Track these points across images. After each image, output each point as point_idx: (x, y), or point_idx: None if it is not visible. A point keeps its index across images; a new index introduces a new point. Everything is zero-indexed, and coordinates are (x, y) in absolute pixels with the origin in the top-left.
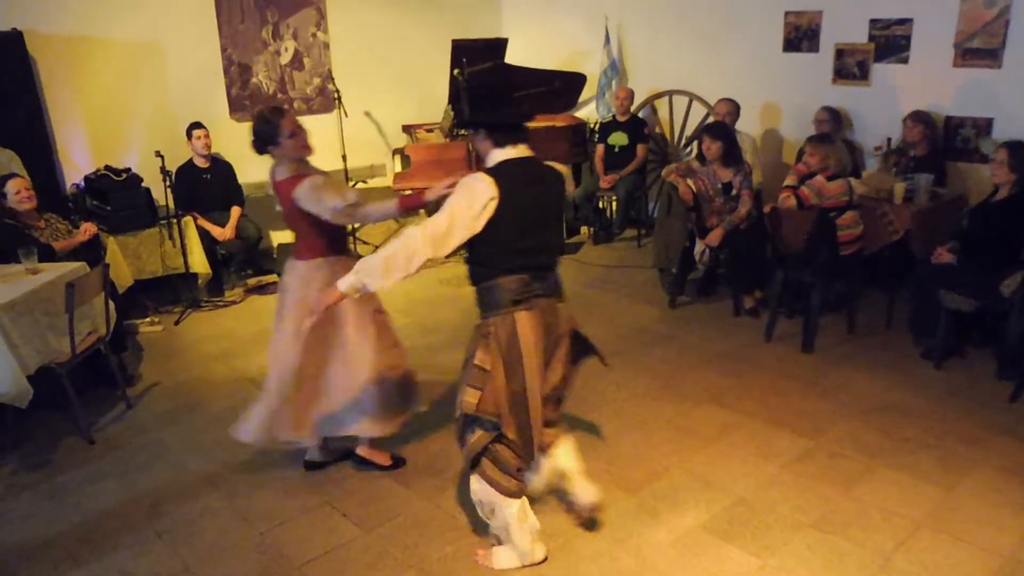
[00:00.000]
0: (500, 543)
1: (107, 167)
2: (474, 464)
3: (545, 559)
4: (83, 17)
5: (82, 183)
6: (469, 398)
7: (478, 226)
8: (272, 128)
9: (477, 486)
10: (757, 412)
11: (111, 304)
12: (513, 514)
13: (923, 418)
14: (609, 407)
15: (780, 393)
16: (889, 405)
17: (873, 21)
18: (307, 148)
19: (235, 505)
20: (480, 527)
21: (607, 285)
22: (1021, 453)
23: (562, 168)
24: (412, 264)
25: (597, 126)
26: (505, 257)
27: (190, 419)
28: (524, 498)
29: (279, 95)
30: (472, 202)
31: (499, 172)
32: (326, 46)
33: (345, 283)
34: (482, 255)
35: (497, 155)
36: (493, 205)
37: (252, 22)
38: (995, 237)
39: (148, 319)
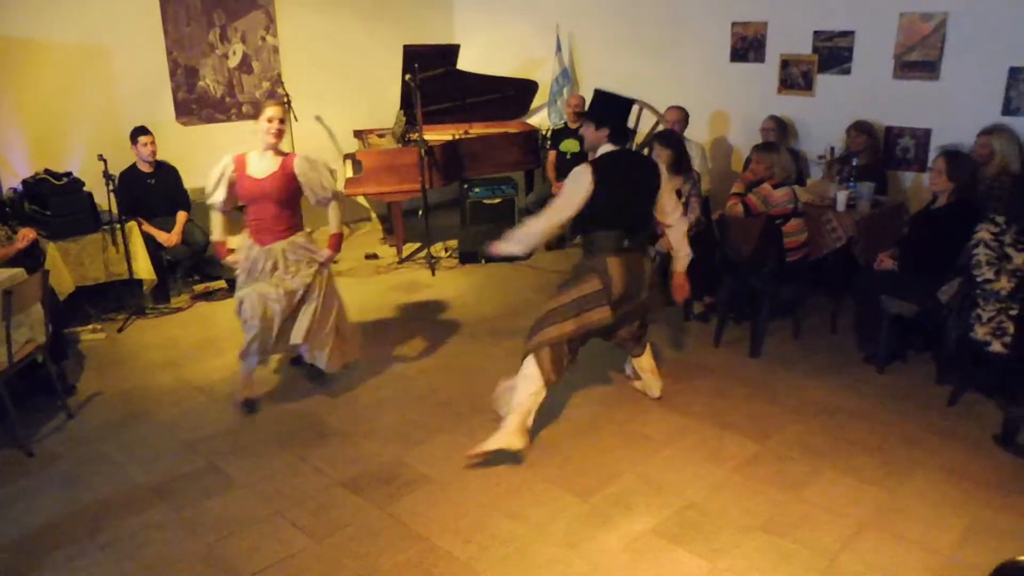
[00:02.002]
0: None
1: (47, 171)
2: (536, 352)
3: (521, 449)
4: (21, 18)
5: (19, 187)
6: (601, 315)
7: (581, 203)
8: None
9: (530, 368)
10: (706, 416)
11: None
12: (532, 394)
13: (867, 421)
14: (561, 413)
15: (729, 397)
16: (834, 408)
17: (817, 33)
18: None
19: (182, 517)
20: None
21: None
22: (960, 455)
23: (657, 162)
24: (538, 234)
25: (549, 133)
26: (603, 218)
27: (134, 429)
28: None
29: (227, 99)
30: (579, 188)
31: (600, 163)
32: (275, 50)
33: (497, 246)
34: (588, 215)
35: (604, 148)
36: (591, 188)
37: (199, 25)
38: (934, 244)
39: (90, 327)
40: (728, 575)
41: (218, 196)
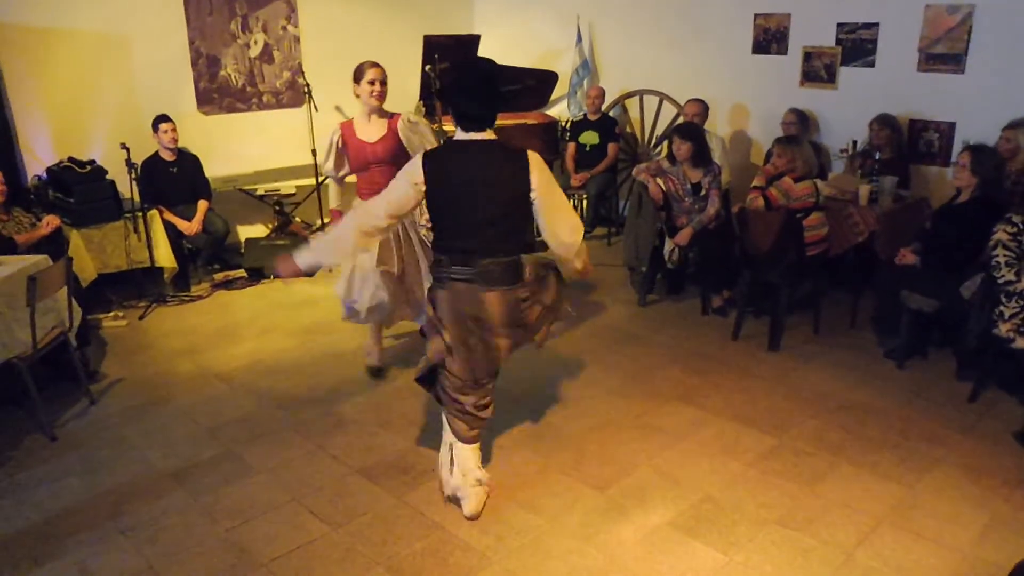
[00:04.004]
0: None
1: (71, 159)
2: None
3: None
4: (46, 7)
5: (44, 174)
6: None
7: (403, 203)
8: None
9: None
10: (724, 410)
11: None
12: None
13: (885, 416)
14: (578, 405)
15: (747, 391)
16: (852, 403)
17: (840, 25)
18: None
19: (201, 502)
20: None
21: (576, 284)
22: (980, 452)
23: (532, 156)
24: (346, 240)
25: (568, 124)
26: (440, 236)
27: (155, 415)
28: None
29: (248, 88)
30: (402, 183)
31: (435, 153)
32: (296, 40)
33: (294, 259)
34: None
35: (458, 136)
36: (422, 187)
37: (220, 14)
38: (956, 240)
39: (112, 314)
40: (743, 568)
41: (328, 164)
